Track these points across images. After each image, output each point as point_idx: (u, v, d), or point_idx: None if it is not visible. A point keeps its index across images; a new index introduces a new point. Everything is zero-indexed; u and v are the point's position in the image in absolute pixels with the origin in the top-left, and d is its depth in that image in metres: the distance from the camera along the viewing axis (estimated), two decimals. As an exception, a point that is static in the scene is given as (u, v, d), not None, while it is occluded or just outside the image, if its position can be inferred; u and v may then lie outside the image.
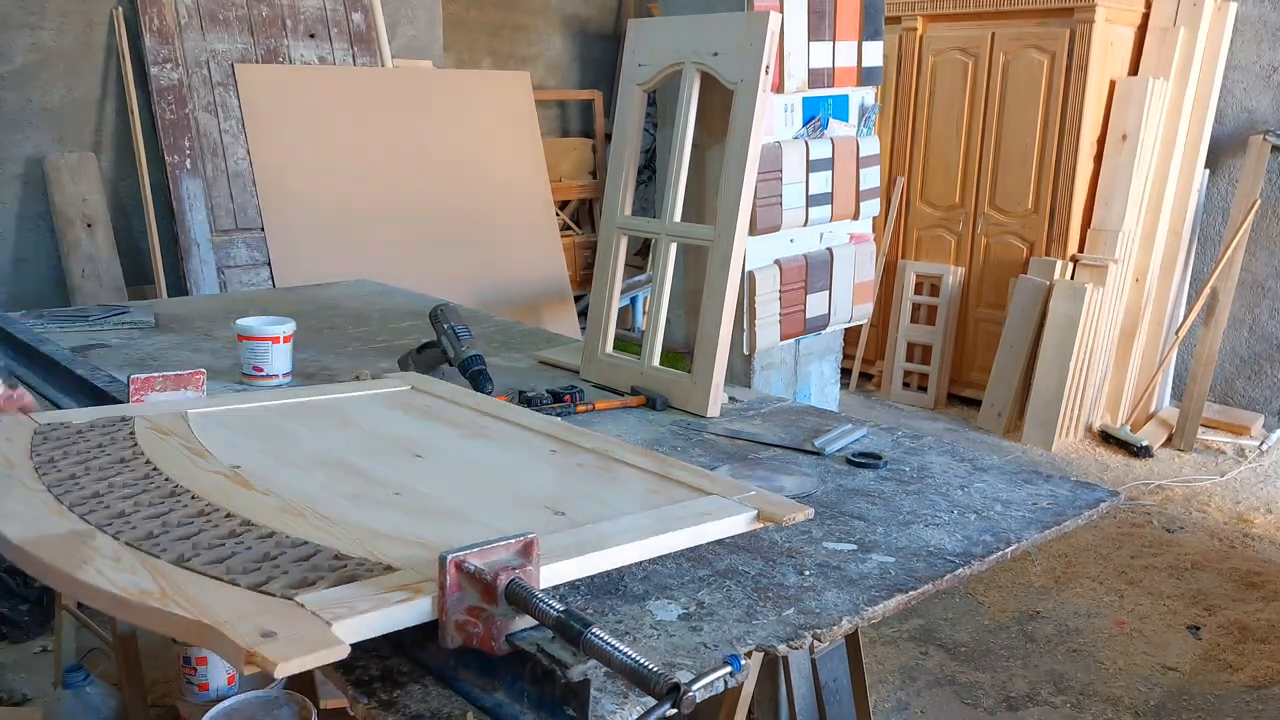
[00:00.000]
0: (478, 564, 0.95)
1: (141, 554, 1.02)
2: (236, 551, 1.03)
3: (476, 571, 0.95)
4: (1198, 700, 2.85)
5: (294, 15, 4.59)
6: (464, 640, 0.96)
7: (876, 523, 1.39)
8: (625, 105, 2.11)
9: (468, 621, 0.96)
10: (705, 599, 1.16)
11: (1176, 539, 3.86)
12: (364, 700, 0.96)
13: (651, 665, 0.87)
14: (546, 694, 0.91)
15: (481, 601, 0.95)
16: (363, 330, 2.50)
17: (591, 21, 7.09)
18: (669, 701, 0.85)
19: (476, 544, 0.97)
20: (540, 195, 5.10)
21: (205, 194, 4.23)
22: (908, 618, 3.21)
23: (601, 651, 0.89)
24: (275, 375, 1.98)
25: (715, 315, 1.89)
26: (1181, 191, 5.01)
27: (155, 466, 1.26)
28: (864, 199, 2.56)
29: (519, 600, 0.94)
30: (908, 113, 5.40)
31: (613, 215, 2.09)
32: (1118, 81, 4.87)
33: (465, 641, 0.96)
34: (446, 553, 0.95)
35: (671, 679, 0.85)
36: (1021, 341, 4.91)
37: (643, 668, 0.87)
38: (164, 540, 1.05)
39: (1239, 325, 5.12)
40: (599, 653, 0.89)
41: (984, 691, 2.85)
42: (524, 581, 0.95)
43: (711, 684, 0.94)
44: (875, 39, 2.51)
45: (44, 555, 1.01)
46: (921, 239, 5.48)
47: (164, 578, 0.97)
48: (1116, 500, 1.54)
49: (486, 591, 0.94)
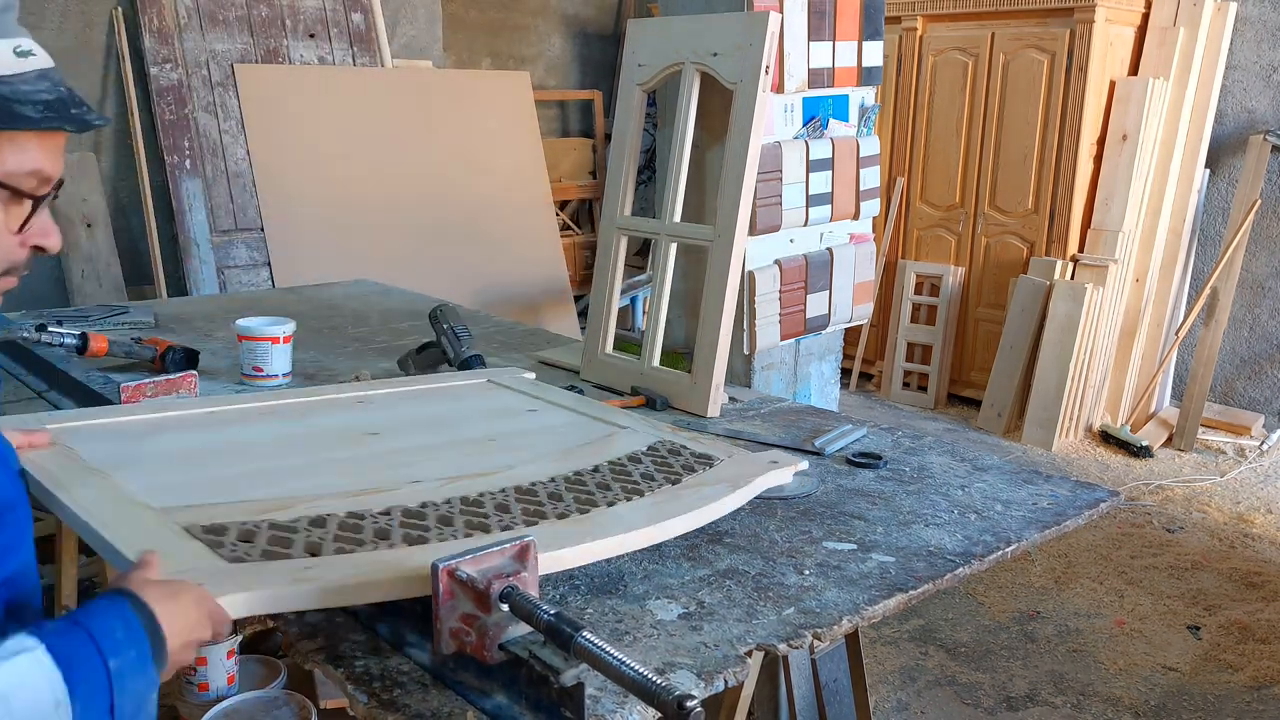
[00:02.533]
0: (470, 571, 0.94)
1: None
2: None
3: (469, 579, 0.94)
4: (1198, 700, 2.85)
5: (294, 15, 4.59)
6: (458, 648, 0.96)
7: (877, 522, 1.39)
8: (625, 105, 2.10)
9: (460, 629, 0.95)
10: (705, 599, 1.16)
11: (1177, 539, 3.86)
12: (364, 700, 0.96)
13: (649, 673, 0.85)
14: (544, 696, 0.91)
15: (475, 609, 0.95)
16: (362, 330, 2.50)
17: (591, 21, 7.09)
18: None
19: (470, 551, 0.97)
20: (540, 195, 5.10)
21: (205, 194, 4.23)
22: (908, 618, 3.21)
23: (592, 656, 0.88)
24: (275, 375, 1.98)
25: (715, 315, 1.88)
26: (1182, 191, 5.00)
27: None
28: (864, 199, 2.55)
29: (517, 608, 0.93)
30: (908, 113, 5.40)
31: (613, 215, 2.08)
32: (1118, 81, 4.86)
33: (459, 649, 0.96)
34: (439, 560, 0.94)
35: (675, 692, 0.82)
36: (1022, 341, 4.91)
37: (644, 679, 0.85)
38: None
39: (1239, 325, 5.12)
40: (590, 657, 0.88)
41: (984, 692, 2.85)
42: (521, 589, 0.94)
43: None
44: (875, 39, 2.51)
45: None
46: (921, 239, 5.48)
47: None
48: (1116, 500, 1.54)
49: (479, 599, 0.94)
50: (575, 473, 1.35)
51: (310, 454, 1.41)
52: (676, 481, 1.33)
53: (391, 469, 1.34)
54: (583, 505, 1.23)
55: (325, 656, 1.04)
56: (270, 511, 1.17)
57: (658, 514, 1.22)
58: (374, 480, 1.29)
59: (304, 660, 1.05)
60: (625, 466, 1.38)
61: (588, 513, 1.21)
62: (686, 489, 1.31)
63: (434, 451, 1.44)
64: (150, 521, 1.13)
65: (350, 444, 1.45)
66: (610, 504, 1.25)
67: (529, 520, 1.19)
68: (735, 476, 1.36)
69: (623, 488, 1.30)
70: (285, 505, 1.19)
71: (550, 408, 1.67)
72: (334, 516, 1.16)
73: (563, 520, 1.19)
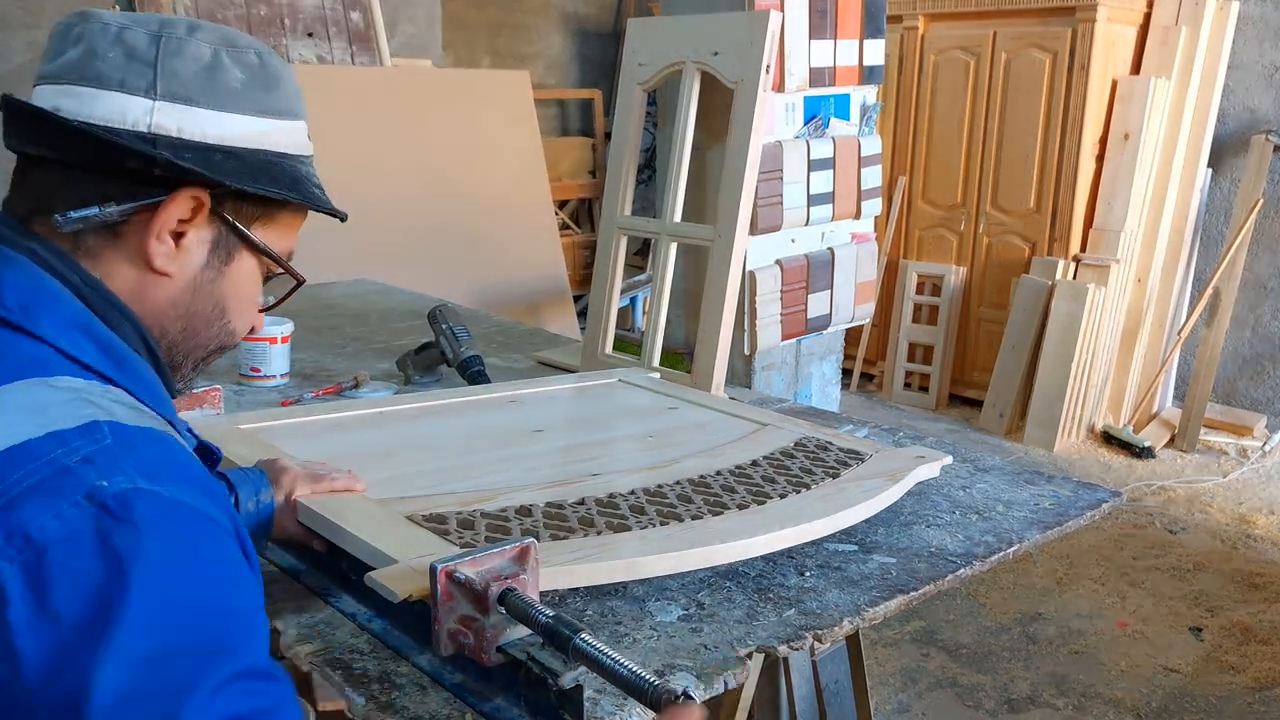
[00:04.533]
0: (468, 573, 0.94)
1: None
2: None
3: (467, 581, 0.94)
4: (1200, 702, 2.84)
5: (292, 14, 4.58)
6: (456, 649, 0.95)
7: (878, 523, 1.38)
8: (625, 105, 2.10)
9: (459, 631, 0.95)
10: (705, 600, 1.15)
11: (1179, 540, 3.85)
12: (361, 702, 0.95)
13: (644, 673, 0.84)
14: (542, 699, 0.90)
15: (474, 611, 0.94)
16: (361, 330, 2.49)
17: (591, 20, 7.08)
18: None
19: (469, 552, 0.97)
20: (540, 195, 5.09)
21: (205, 194, 4.23)
22: (909, 619, 3.20)
23: (590, 658, 0.87)
24: (273, 376, 1.97)
25: (715, 315, 1.88)
26: (1184, 191, 5.00)
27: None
28: (865, 198, 2.55)
29: (514, 609, 0.93)
30: (909, 112, 5.39)
31: (613, 215, 2.08)
32: (1120, 81, 4.85)
33: (457, 650, 0.95)
34: (437, 562, 0.94)
35: (667, 689, 0.82)
36: (1023, 342, 4.90)
37: (636, 676, 0.84)
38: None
39: (1241, 325, 5.11)
40: (589, 659, 0.87)
41: (985, 693, 2.84)
42: (520, 592, 0.94)
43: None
44: (877, 37, 2.50)
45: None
46: (923, 239, 5.47)
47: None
48: (1118, 501, 1.53)
49: (478, 601, 0.93)
50: (737, 466, 1.40)
51: (491, 451, 1.48)
52: (836, 476, 1.39)
53: (568, 464, 1.41)
54: (756, 497, 1.29)
55: (323, 659, 1.03)
56: (476, 503, 1.23)
57: (828, 506, 1.28)
58: (557, 475, 1.36)
59: (302, 662, 1.04)
60: (782, 461, 1.43)
61: (764, 504, 1.27)
62: (848, 483, 1.36)
63: (602, 447, 1.52)
64: (374, 511, 1.18)
65: (523, 441, 1.53)
66: (782, 496, 1.30)
67: (713, 511, 1.24)
68: (889, 470, 1.41)
69: (788, 481, 1.35)
70: (488, 497, 1.25)
71: (688, 405, 1.73)
72: (536, 506, 1.23)
73: (744, 511, 1.25)
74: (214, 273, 0.90)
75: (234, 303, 0.93)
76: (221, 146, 0.86)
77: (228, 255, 0.91)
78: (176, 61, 0.84)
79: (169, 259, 0.86)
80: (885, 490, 1.35)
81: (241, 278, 0.93)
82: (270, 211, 0.92)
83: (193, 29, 0.86)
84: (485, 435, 1.56)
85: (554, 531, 1.16)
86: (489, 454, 1.47)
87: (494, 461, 1.42)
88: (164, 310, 0.88)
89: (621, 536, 1.16)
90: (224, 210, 0.89)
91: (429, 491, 1.27)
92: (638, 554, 1.12)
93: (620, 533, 1.17)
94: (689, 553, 1.14)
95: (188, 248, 0.87)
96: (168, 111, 0.84)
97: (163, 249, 0.86)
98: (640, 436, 1.58)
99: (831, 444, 1.51)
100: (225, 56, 0.87)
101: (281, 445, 1.40)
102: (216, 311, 0.92)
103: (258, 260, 0.94)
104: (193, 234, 0.87)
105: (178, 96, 0.84)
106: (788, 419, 1.65)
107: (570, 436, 1.60)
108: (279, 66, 0.91)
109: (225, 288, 0.92)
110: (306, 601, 1.14)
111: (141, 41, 0.84)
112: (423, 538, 1.11)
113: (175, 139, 0.84)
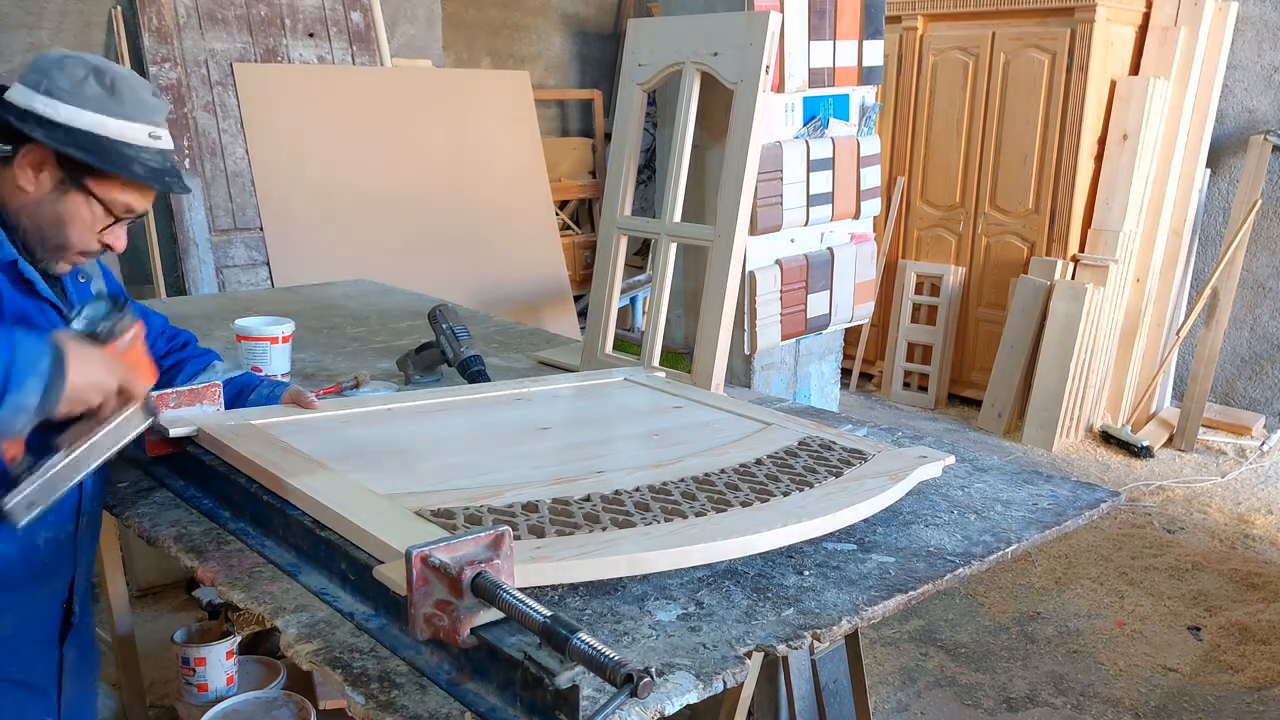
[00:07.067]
0: (443, 558, 0.95)
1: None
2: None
3: (442, 565, 0.95)
4: (1198, 701, 2.84)
5: (293, 14, 4.58)
6: (432, 634, 0.96)
7: (876, 522, 1.39)
8: (625, 105, 2.10)
9: (434, 615, 0.96)
10: (704, 599, 1.15)
11: (1177, 540, 3.86)
12: (361, 701, 0.96)
13: (612, 654, 0.87)
14: (539, 699, 0.91)
15: (449, 595, 0.96)
16: (361, 330, 2.49)
17: (591, 21, 7.08)
18: (626, 690, 0.85)
19: (444, 538, 0.98)
20: (540, 195, 5.09)
21: (204, 193, 4.23)
22: (908, 618, 3.20)
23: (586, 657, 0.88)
24: (273, 376, 1.97)
25: (715, 315, 1.88)
26: (1182, 191, 5.00)
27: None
28: (865, 198, 2.55)
29: (485, 593, 0.94)
30: (908, 112, 5.39)
31: (613, 215, 2.08)
32: (1118, 81, 4.86)
33: (433, 635, 0.97)
34: (413, 547, 0.95)
35: (627, 665, 0.85)
36: (1022, 342, 4.90)
37: (603, 656, 0.87)
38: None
39: (1240, 325, 5.11)
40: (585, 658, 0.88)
41: (984, 693, 2.85)
42: (492, 575, 0.95)
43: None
44: (876, 38, 2.51)
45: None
46: (922, 239, 5.48)
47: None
48: (1117, 501, 1.54)
49: (453, 585, 0.95)
50: (741, 465, 1.42)
51: (498, 448, 1.50)
52: (839, 475, 1.40)
53: (575, 461, 1.43)
54: (760, 495, 1.31)
55: (324, 658, 1.03)
56: (483, 499, 1.25)
57: (831, 504, 1.29)
58: (563, 471, 1.38)
59: (302, 662, 1.05)
60: (786, 460, 1.45)
61: (767, 501, 1.30)
62: (850, 481, 1.38)
63: (607, 445, 1.55)
64: (382, 506, 1.20)
65: (530, 439, 1.55)
66: (785, 494, 1.32)
67: (717, 508, 1.26)
68: (891, 470, 1.42)
69: (791, 480, 1.37)
70: (494, 493, 1.27)
71: (693, 404, 1.73)
72: (543, 503, 1.25)
73: (747, 508, 1.27)
74: (55, 197, 1.38)
75: (71, 221, 1.39)
76: (67, 126, 1.34)
77: (64, 191, 1.38)
78: (59, 75, 1.36)
79: (28, 182, 1.37)
80: (888, 489, 1.36)
81: (76, 206, 1.38)
82: (102, 172, 1.36)
83: (79, 62, 1.37)
84: (492, 432, 1.57)
85: (560, 527, 1.18)
86: (496, 451, 1.48)
87: (501, 458, 1.44)
88: (19, 210, 1.38)
89: (626, 532, 1.17)
90: (65, 162, 1.36)
91: (437, 487, 1.28)
92: (642, 549, 1.13)
93: (625, 528, 1.18)
94: (693, 548, 1.15)
95: (42, 181, 1.37)
96: (45, 101, 1.34)
97: (24, 175, 1.36)
98: (645, 435, 1.59)
99: (835, 443, 1.52)
100: (91, 77, 1.36)
101: (291, 441, 1.42)
102: (54, 222, 1.38)
103: (87, 199, 1.38)
104: (47, 171, 1.37)
105: (51, 94, 1.35)
106: (791, 418, 1.66)
107: (576, 434, 1.61)
108: (132, 89, 1.38)
109: (61, 210, 1.38)
110: (306, 601, 1.15)
111: (53, 65, 1.37)
112: (430, 533, 1.12)
113: (43, 117, 1.34)
